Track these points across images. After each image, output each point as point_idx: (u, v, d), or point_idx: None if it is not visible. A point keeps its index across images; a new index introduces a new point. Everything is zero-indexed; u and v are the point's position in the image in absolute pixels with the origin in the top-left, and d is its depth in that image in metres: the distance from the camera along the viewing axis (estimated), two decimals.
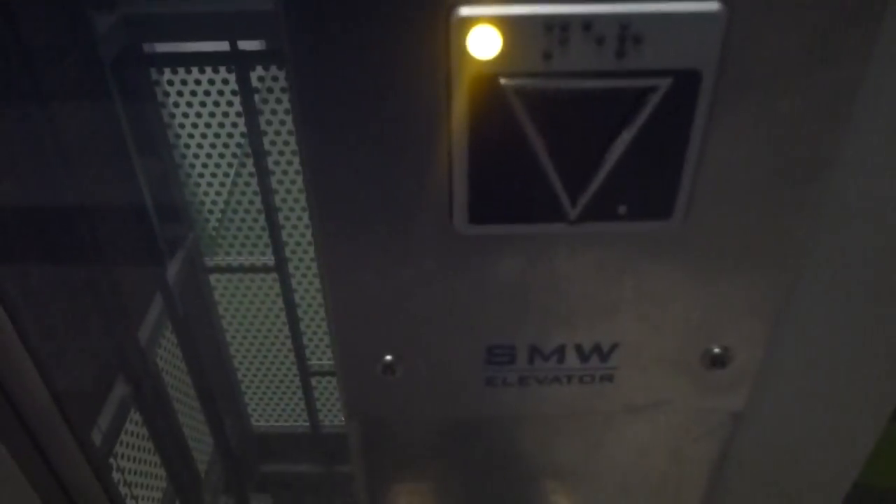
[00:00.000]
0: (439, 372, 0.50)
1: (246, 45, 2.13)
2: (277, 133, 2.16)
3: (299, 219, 2.27)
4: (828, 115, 0.39)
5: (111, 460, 1.92)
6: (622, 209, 0.42)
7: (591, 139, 0.39)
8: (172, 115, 2.24)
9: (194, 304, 2.37)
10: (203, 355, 2.40)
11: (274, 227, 2.27)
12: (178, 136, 2.25)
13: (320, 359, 2.59)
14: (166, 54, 2.19)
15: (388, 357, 0.49)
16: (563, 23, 0.36)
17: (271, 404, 2.76)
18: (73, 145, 1.94)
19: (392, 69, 0.37)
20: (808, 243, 0.45)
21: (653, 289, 0.46)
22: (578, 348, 0.49)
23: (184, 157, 2.26)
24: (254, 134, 2.12)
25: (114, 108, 2.10)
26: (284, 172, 2.20)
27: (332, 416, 2.75)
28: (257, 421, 2.81)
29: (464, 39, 0.36)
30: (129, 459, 2.05)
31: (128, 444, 2.04)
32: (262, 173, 2.16)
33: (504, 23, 0.36)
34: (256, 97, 2.15)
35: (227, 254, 2.39)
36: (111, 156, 2.13)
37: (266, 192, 2.21)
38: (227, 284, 2.44)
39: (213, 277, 2.43)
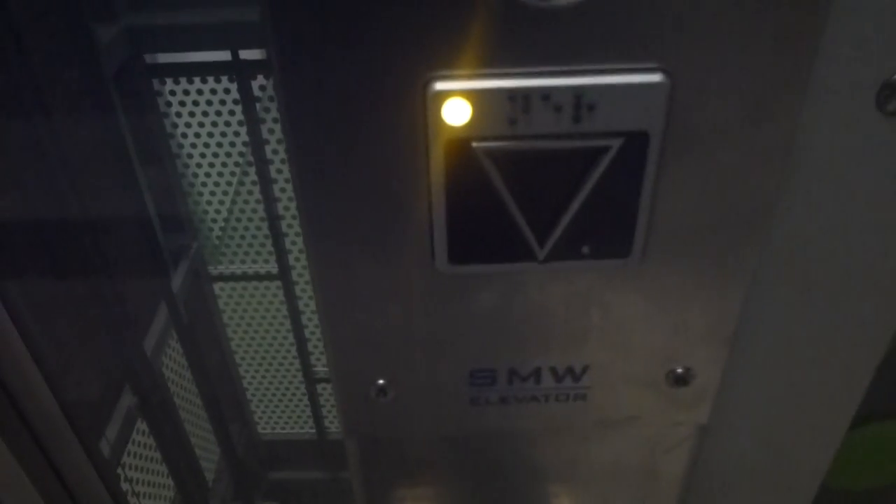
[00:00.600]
0: (428, 394, 0.57)
1: (247, 54, 2.19)
2: (280, 142, 2.22)
3: None
4: (763, 167, 0.46)
5: (119, 470, 1.99)
6: (585, 250, 0.48)
7: (554, 192, 0.46)
8: (175, 126, 2.30)
9: (199, 313, 2.44)
10: (208, 364, 2.47)
11: (277, 236, 2.34)
12: (181, 146, 2.32)
13: (325, 366, 2.66)
14: (168, 65, 2.25)
15: (381, 381, 0.56)
16: (524, 94, 0.42)
17: (277, 412, 2.83)
18: (76, 156, 2.00)
19: (374, 131, 0.44)
20: (754, 272, 0.51)
21: (617, 317, 0.53)
22: (552, 370, 0.56)
23: (186, 166, 2.33)
24: (255, 142, 2.18)
25: (116, 119, 2.17)
26: (287, 181, 2.26)
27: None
28: (263, 428, 2.88)
29: (439, 110, 0.43)
30: (136, 469, 2.12)
31: (135, 454, 2.11)
32: (265, 182, 2.22)
33: (474, 95, 0.42)
34: (258, 106, 2.22)
35: (231, 262, 2.47)
36: (114, 167, 2.20)
37: (268, 201, 2.27)
38: (230, 293, 2.52)
39: (216, 286, 2.50)
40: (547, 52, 0.41)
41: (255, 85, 2.17)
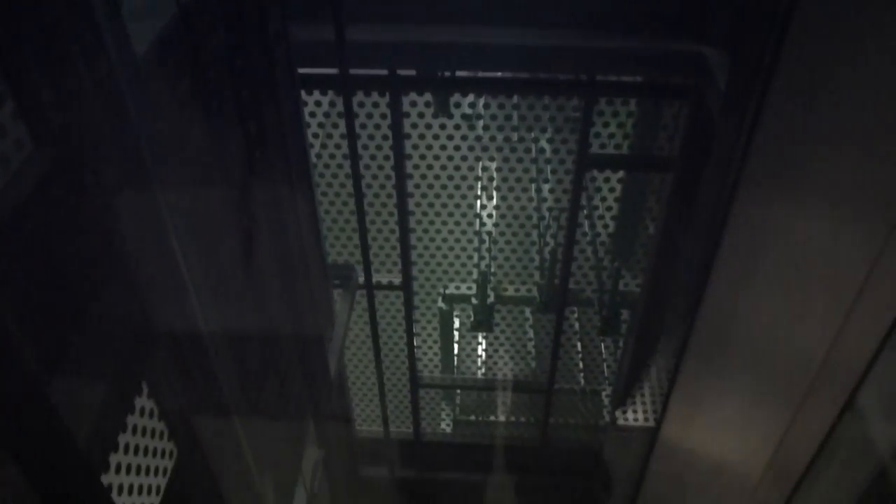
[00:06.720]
0: None
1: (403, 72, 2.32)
2: (422, 157, 2.39)
3: (431, 240, 2.53)
4: None
5: None
6: None
7: None
8: (316, 136, 2.45)
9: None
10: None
11: (406, 248, 2.51)
12: (319, 157, 2.48)
13: (432, 372, 2.86)
14: (320, 76, 2.37)
15: None
16: None
17: (376, 411, 3.03)
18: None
19: None
20: None
21: None
22: None
23: (321, 175, 2.49)
24: (398, 157, 2.33)
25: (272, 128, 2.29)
26: (423, 195, 2.45)
27: (435, 425, 3.02)
28: (360, 426, 3.08)
29: None
30: None
31: None
32: (402, 195, 2.39)
33: None
34: (406, 122, 2.36)
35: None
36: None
37: (403, 213, 2.44)
38: (358, 299, 2.69)
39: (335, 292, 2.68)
40: None
41: (406, 101, 2.32)
